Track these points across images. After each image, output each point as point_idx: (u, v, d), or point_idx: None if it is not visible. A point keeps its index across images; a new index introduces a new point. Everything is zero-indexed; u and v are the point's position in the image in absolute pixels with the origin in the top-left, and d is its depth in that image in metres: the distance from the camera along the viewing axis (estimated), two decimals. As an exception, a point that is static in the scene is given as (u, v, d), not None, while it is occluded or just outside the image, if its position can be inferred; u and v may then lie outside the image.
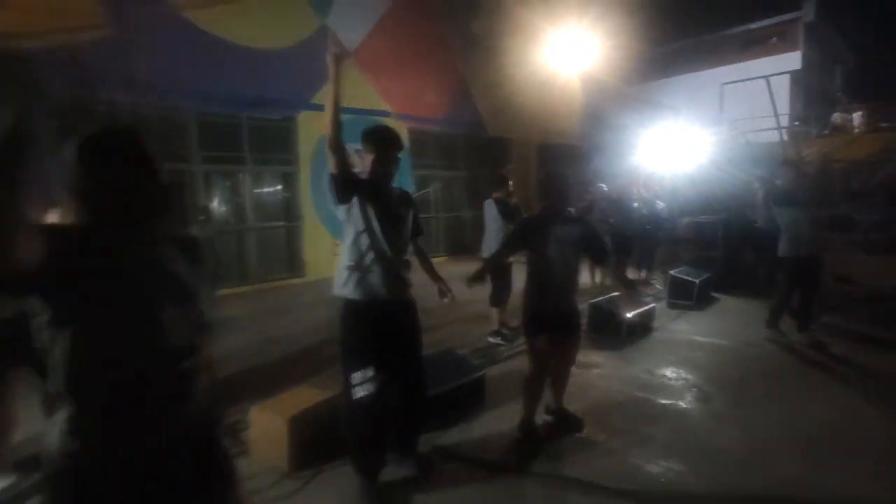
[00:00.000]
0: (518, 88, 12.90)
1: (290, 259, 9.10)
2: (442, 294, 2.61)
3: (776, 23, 21.15)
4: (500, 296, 5.03)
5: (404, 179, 10.88)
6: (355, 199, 2.39)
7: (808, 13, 20.14)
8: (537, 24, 13.06)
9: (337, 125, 2.38)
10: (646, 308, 4.98)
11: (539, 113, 13.52)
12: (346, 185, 2.37)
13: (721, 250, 7.00)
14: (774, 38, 21.62)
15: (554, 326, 2.72)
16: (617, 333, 4.65)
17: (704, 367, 3.91)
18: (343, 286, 2.38)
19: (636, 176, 7.99)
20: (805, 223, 4.31)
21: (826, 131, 14.37)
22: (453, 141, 12.02)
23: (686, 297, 6.05)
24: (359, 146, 2.70)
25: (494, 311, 5.06)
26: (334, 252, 9.83)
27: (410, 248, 2.61)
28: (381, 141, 2.57)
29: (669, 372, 3.82)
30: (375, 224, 2.35)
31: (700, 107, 19.00)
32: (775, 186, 4.79)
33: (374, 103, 10.23)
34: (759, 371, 3.86)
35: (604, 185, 7.10)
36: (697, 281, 6.02)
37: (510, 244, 3.12)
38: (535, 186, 14.23)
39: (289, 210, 9.09)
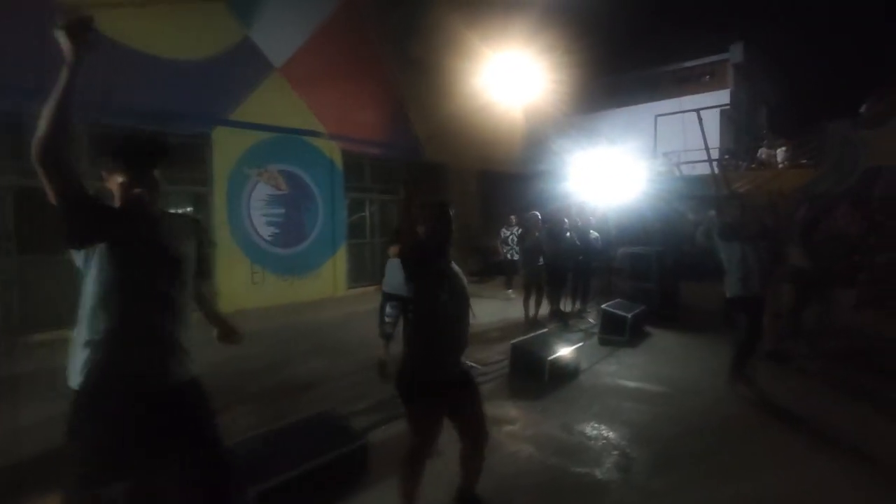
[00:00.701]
0: (458, 113, 12.69)
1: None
2: (226, 337, 1.97)
3: (707, 63, 22.35)
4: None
5: (338, 202, 10.27)
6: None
7: (735, 55, 21.38)
8: (479, 50, 12.98)
9: (57, 125, 1.42)
10: (573, 348, 4.54)
11: (479, 139, 13.34)
12: (80, 218, 1.49)
13: (655, 283, 6.76)
14: (707, 77, 22.81)
15: (442, 388, 2.17)
16: (539, 378, 4.17)
17: (632, 421, 3.46)
18: (79, 373, 1.53)
19: (570, 205, 7.75)
20: (755, 260, 4.00)
21: (753, 165, 14.93)
22: (390, 164, 11.53)
23: (618, 333, 5.71)
24: (287, 167, 2.00)
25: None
26: (254, 281, 9.06)
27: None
28: (131, 152, 1.64)
29: (590, 429, 3.34)
30: (135, 272, 1.57)
31: (639, 138, 19.57)
32: (721, 221, 4.39)
33: (305, 122, 9.61)
34: (695, 428, 3.39)
35: (537, 213, 6.77)
36: (629, 315, 5.69)
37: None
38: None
39: (200, 234, 8.21)
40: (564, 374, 4.36)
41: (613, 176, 8.86)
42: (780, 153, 14.71)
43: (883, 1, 41.24)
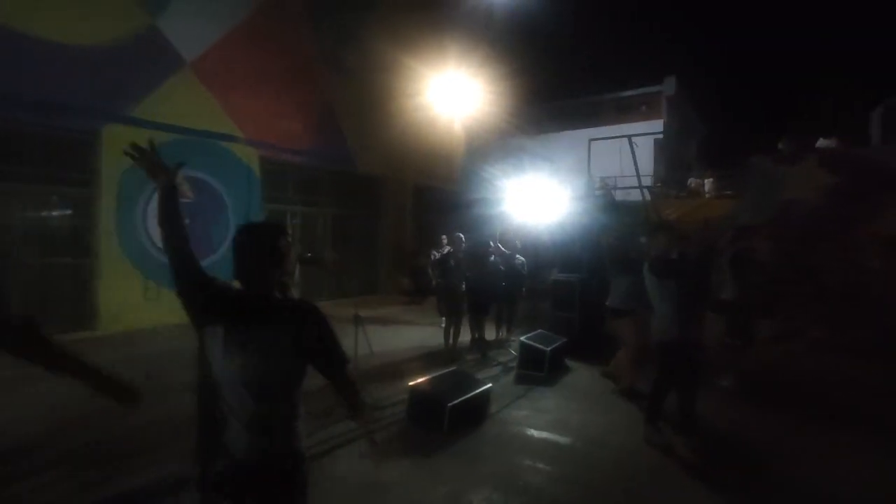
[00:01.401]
0: (394, 126, 12.21)
1: (77, 306, 7.12)
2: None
3: (643, 93, 23.23)
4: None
5: (254, 214, 9.43)
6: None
7: (668, 87, 22.34)
8: (418, 64, 12.62)
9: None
10: (480, 390, 4.05)
11: (416, 154, 12.90)
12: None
13: (577, 312, 6.44)
14: (643, 106, 23.69)
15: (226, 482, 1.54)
16: (438, 427, 3.63)
17: (528, 486, 2.97)
18: None
19: (498, 228, 7.39)
20: (692, 300, 3.53)
21: (683, 194, 15.37)
22: (316, 175, 10.83)
23: (537, 368, 5.30)
24: (194, 173, 1.45)
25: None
26: (147, 297, 8.04)
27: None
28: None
29: (481, 499, 2.83)
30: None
31: (579, 163, 19.91)
32: (654, 254, 3.82)
33: (219, 125, 8.76)
34: (599, 491, 2.97)
35: (460, 234, 6.32)
36: (548, 350, 5.30)
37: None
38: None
39: (79, 242, 7.17)
40: (469, 420, 3.85)
41: (546, 199, 8.60)
42: (708, 183, 15.23)
43: (804, 45, 45.12)
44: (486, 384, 4.16)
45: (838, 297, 7.39)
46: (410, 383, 3.89)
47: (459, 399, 3.77)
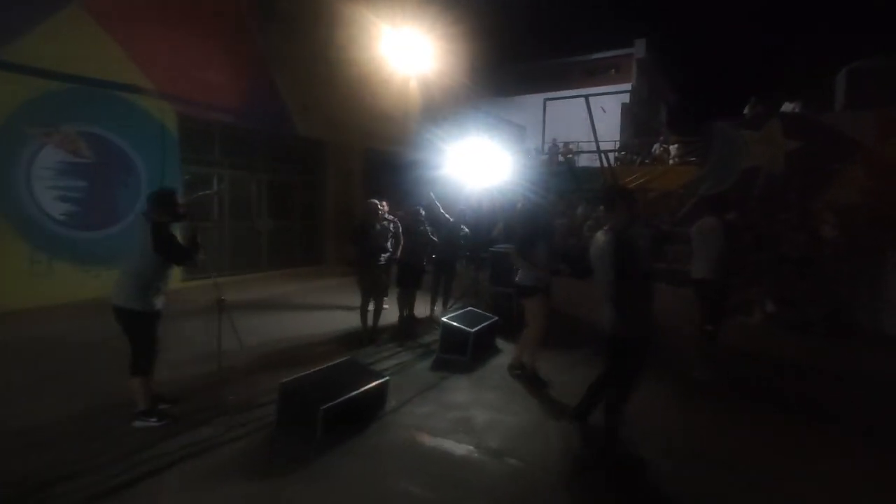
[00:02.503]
0: (341, 85, 11.16)
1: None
2: None
3: (613, 55, 22.40)
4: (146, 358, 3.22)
5: (171, 176, 8.42)
6: None
7: (639, 50, 21.56)
8: (370, 14, 11.51)
9: None
10: (371, 385, 3.39)
11: (366, 116, 11.90)
12: None
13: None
14: (613, 70, 22.89)
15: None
16: (311, 433, 2.98)
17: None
18: None
19: (429, 192, 6.65)
20: (647, 289, 2.91)
21: (647, 160, 14.84)
22: (248, 136, 9.80)
23: (459, 352, 4.70)
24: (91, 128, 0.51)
25: (136, 383, 3.21)
26: (35, 273, 7.08)
27: None
28: None
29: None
30: None
31: (539, 126, 19.14)
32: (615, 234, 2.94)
33: (121, 73, 7.62)
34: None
35: (375, 201, 5.54)
36: (473, 331, 4.69)
37: None
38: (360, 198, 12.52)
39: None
40: (352, 425, 3.20)
41: (494, 163, 7.87)
42: (673, 149, 14.72)
43: (773, 10, 44.55)
44: (380, 377, 3.50)
45: (793, 267, 6.97)
46: (283, 381, 3.20)
47: (340, 399, 3.10)
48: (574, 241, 10.45)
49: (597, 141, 10.09)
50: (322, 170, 11.53)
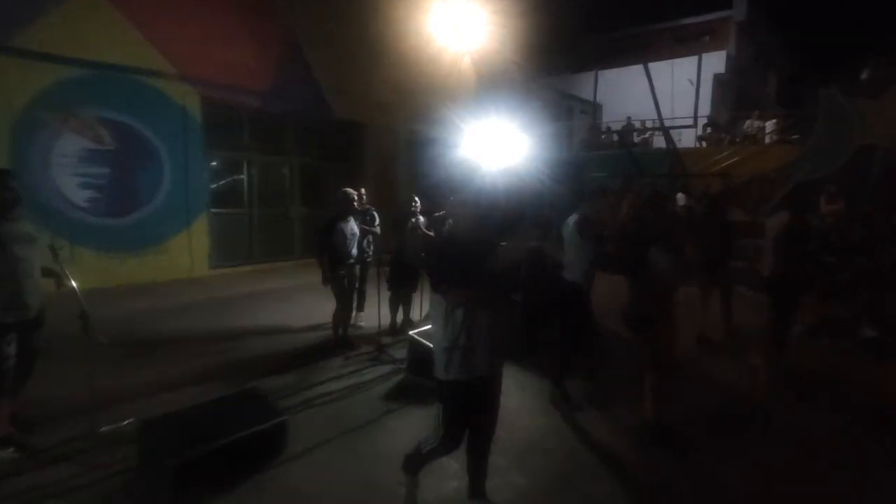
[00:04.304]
0: (382, 63, 10.50)
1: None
2: None
3: (707, 20, 19.62)
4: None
5: (194, 162, 8.31)
6: None
7: (738, 11, 18.64)
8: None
9: None
10: (259, 428, 2.68)
11: (409, 95, 11.16)
12: None
13: (523, 294, 4.82)
14: (706, 37, 20.12)
15: None
16: (163, 490, 2.34)
17: None
18: None
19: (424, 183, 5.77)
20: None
21: (738, 139, 12.67)
22: (279, 119, 9.49)
23: (428, 374, 3.84)
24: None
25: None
26: (57, 259, 7.22)
27: None
28: None
29: None
30: None
31: (624, 103, 17.23)
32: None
33: (140, 57, 7.48)
34: None
35: (350, 191, 4.80)
36: (440, 353, 3.80)
37: None
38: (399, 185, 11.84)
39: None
40: (229, 475, 2.53)
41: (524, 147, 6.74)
42: (770, 125, 12.42)
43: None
44: (275, 417, 2.77)
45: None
46: (144, 418, 2.59)
47: (205, 446, 2.43)
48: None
49: (660, 117, 8.55)
50: (359, 155, 11.02)
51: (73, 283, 2.81)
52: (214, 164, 8.74)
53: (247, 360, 4.35)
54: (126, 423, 2.74)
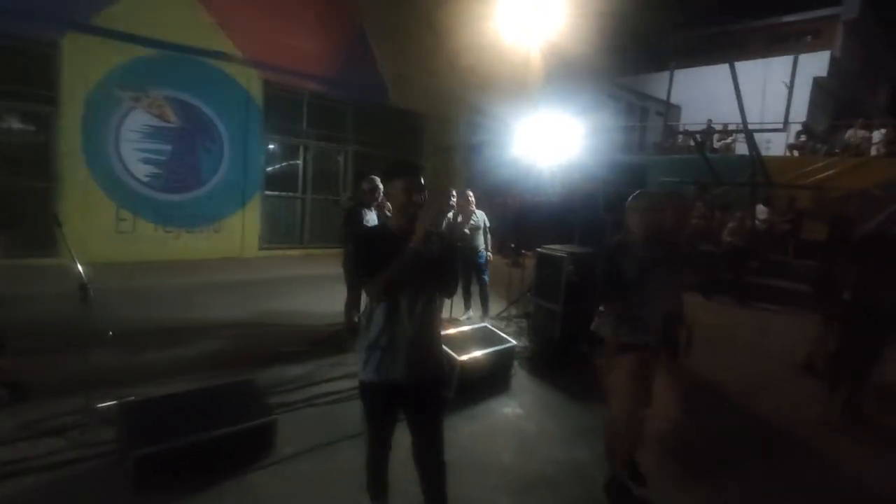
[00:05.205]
0: (445, 53, 10.23)
1: (41, 231, 6.75)
2: None
3: (812, 18, 17.71)
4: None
5: (253, 145, 8.45)
6: None
7: (849, 9, 16.66)
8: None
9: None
10: (244, 426, 2.46)
11: (470, 87, 10.80)
12: None
13: (562, 304, 4.36)
14: (809, 36, 18.20)
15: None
16: (124, 480, 2.19)
17: None
18: None
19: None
20: None
21: (837, 150, 11.26)
22: (338, 106, 9.47)
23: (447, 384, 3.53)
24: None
25: None
26: (119, 230, 7.56)
27: None
28: None
29: None
30: None
31: (708, 106, 15.94)
32: None
33: (209, 40, 7.68)
34: None
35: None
36: (460, 360, 3.48)
37: None
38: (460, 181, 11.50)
39: (42, 164, 6.73)
40: (205, 471, 2.34)
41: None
42: (878, 135, 10.94)
43: None
44: (263, 416, 2.55)
45: None
46: (130, 398, 2.45)
47: (172, 443, 2.25)
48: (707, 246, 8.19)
49: (744, 119, 7.65)
50: (418, 145, 10.83)
51: (74, 256, 2.72)
52: (272, 147, 8.85)
53: (263, 346, 4.22)
54: (121, 401, 2.61)
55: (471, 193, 5.31)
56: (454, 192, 5.22)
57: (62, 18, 6.52)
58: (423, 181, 1.81)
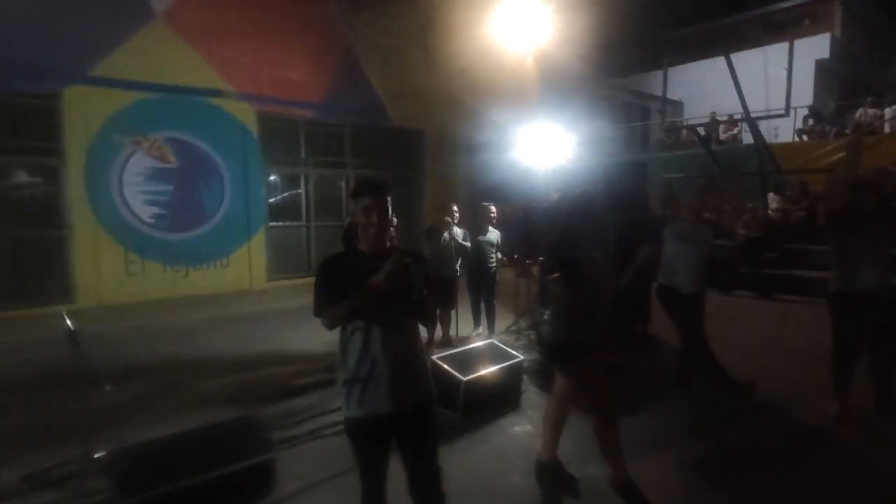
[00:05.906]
0: (440, 68, 10.27)
1: (53, 279, 6.87)
2: None
3: (807, 2, 17.50)
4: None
5: (254, 178, 8.52)
6: None
7: (847, -12, 16.46)
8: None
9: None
10: (240, 467, 2.39)
11: (466, 99, 10.81)
12: None
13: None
14: (807, 20, 17.98)
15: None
16: None
17: None
18: None
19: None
20: None
21: (847, 131, 10.98)
22: (335, 130, 9.54)
23: (448, 404, 3.42)
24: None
25: None
26: (129, 272, 7.64)
27: None
28: None
29: None
30: None
31: (711, 100, 15.75)
32: None
33: (201, 79, 7.79)
34: None
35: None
36: (464, 380, 3.37)
37: None
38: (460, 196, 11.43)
39: (51, 214, 6.86)
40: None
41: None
42: (890, 112, 10.66)
43: None
44: (262, 454, 2.48)
45: None
46: (121, 446, 2.39)
47: (164, 489, 2.18)
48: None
49: (745, 108, 7.50)
50: (419, 163, 10.83)
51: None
52: (273, 178, 8.93)
53: (269, 379, 4.17)
54: (112, 450, 2.56)
55: (493, 208, 5.29)
56: (455, 207, 5.18)
57: (64, 73, 6.70)
58: (387, 200, 1.74)
